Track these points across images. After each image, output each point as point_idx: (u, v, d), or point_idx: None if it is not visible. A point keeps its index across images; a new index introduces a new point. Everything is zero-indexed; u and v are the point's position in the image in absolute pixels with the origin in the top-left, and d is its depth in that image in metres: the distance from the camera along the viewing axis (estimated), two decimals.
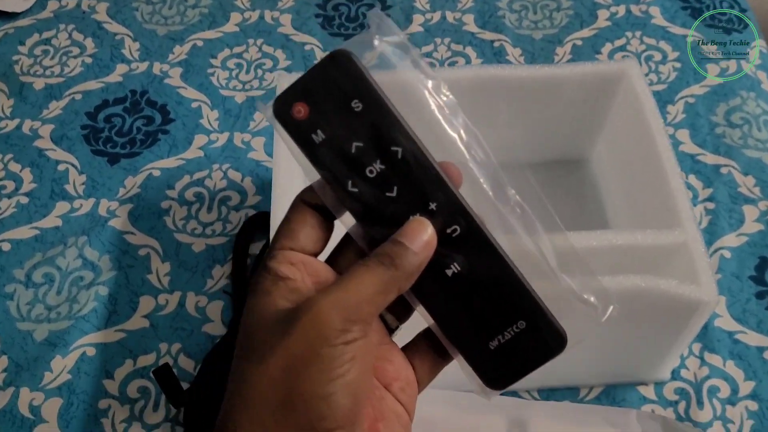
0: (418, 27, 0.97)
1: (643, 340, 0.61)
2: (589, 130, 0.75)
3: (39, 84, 0.91)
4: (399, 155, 0.34)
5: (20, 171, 0.82)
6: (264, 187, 0.80)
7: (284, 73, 0.90)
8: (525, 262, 0.35)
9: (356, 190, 0.34)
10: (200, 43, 0.95)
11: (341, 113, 0.34)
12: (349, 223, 0.35)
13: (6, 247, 0.76)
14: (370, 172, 0.34)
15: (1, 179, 0.82)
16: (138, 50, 0.94)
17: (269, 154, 0.83)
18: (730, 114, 0.85)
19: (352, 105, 0.34)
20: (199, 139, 0.85)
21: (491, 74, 0.68)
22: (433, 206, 0.34)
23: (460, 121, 0.36)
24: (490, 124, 0.72)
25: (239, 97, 0.89)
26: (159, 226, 0.77)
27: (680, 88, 0.88)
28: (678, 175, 0.60)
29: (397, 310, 0.37)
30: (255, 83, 0.90)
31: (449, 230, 0.34)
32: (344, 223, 0.35)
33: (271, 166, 0.63)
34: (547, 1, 0.99)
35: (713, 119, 0.85)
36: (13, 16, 0.99)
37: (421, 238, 0.33)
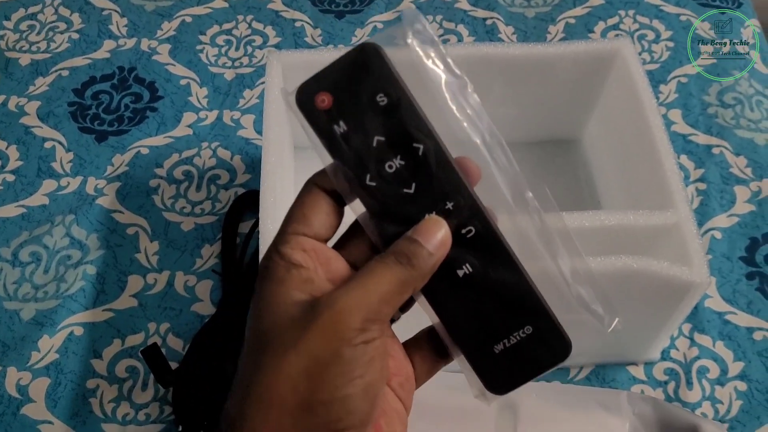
0: (410, 4, 0.96)
1: (634, 321, 0.61)
2: (581, 110, 0.75)
3: (25, 60, 0.90)
4: (420, 152, 0.34)
5: (6, 148, 0.81)
6: (253, 165, 0.79)
7: (274, 50, 0.89)
8: (537, 268, 0.35)
9: (374, 184, 0.34)
10: (189, 19, 0.94)
11: (365, 106, 0.33)
12: (359, 211, 0.34)
13: None
14: (390, 167, 0.34)
15: None
16: (126, 26, 0.93)
17: (259, 132, 0.82)
18: (723, 94, 0.85)
19: (377, 99, 0.33)
20: (188, 117, 0.84)
21: (483, 52, 0.67)
22: (449, 205, 0.34)
23: (484, 124, 0.35)
24: (482, 102, 0.72)
25: (228, 75, 0.88)
26: (147, 205, 0.77)
27: (673, 67, 0.87)
28: (671, 155, 0.60)
29: None
30: (245, 60, 0.89)
31: (464, 230, 0.34)
32: (354, 211, 0.35)
33: (261, 144, 0.62)
34: None
35: (706, 99, 0.84)
36: None
37: (436, 238, 0.33)
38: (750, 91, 0.85)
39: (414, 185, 0.34)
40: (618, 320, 0.36)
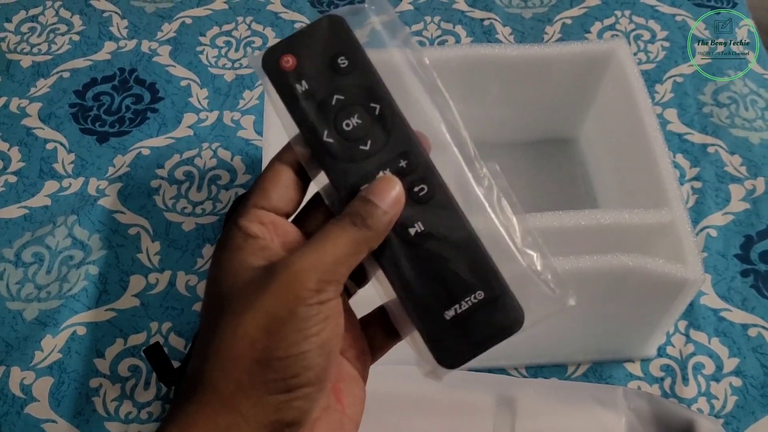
0: (408, 5, 0.96)
1: (630, 318, 0.62)
2: (578, 110, 0.75)
3: (26, 62, 0.90)
4: (377, 111, 0.35)
5: (8, 150, 0.82)
6: (254, 165, 0.80)
7: None
8: (488, 236, 0.35)
9: (331, 140, 0.35)
10: (189, 21, 0.94)
11: (327, 67, 0.35)
12: (322, 182, 0.36)
13: None
14: (347, 125, 0.35)
15: None
16: (126, 28, 0.94)
17: (259, 132, 0.83)
18: (718, 93, 0.85)
19: (339, 61, 0.35)
20: (189, 118, 0.85)
21: (481, 53, 0.68)
22: (403, 164, 0.35)
23: (439, 99, 0.37)
24: (479, 103, 0.73)
25: (228, 76, 0.88)
26: (149, 205, 0.77)
27: (668, 67, 0.88)
28: (666, 154, 0.61)
29: (355, 275, 0.37)
30: (244, 61, 0.90)
31: (416, 188, 0.35)
32: (317, 184, 0.36)
33: (261, 145, 0.63)
34: None
35: (701, 98, 0.85)
36: None
37: (390, 195, 0.34)
38: (744, 90, 0.85)
39: (369, 142, 0.35)
40: (573, 295, 0.35)
